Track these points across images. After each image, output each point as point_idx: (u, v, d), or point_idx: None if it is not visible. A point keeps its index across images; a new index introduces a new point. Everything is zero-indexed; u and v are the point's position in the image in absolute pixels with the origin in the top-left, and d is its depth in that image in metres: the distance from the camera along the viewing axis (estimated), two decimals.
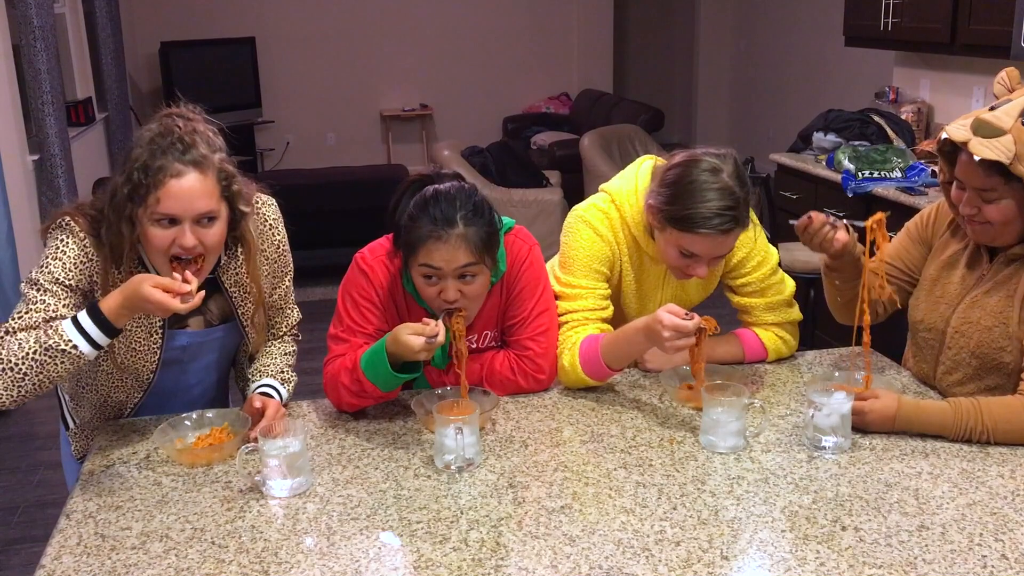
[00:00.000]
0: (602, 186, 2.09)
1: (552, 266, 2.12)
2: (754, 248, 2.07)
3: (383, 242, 1.93)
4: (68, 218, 1.72)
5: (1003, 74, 1.80)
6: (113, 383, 1.89)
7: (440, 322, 1.75)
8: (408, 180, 1.84)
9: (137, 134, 1.69)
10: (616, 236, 2.03)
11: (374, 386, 1.81)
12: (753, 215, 2.05)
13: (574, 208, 2.09)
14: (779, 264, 2.14)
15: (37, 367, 1.60)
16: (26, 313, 1.67)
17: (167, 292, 1.57)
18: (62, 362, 1.61)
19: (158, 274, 1.70)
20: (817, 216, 1.90)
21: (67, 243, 1.70)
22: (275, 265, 1.94)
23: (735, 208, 1.82)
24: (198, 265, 1.70)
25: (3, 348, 1.61)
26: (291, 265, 2.00)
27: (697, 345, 1.83)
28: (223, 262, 1.84)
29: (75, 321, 1.61)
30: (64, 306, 1.69)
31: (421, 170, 1.86)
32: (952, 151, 1.82)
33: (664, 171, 1.91)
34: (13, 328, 1.65)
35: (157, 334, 1.82)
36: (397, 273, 1.90)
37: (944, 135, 1.77)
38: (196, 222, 1.66)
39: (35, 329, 1.64)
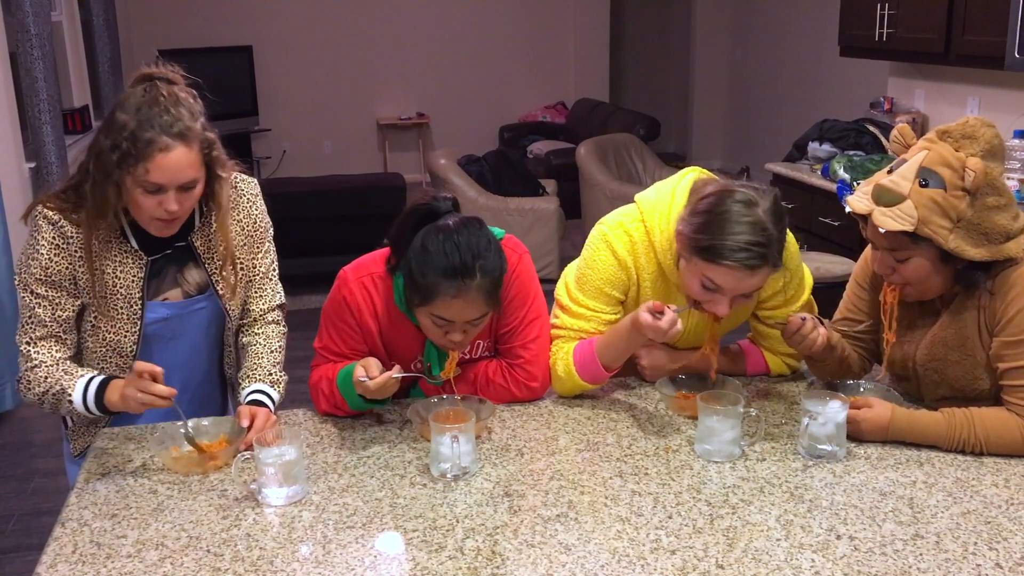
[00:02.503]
0: (637, 196, 1.99)
1: (565, 275, 2.11)
2: (789, 283, 1.98)
3: (368, 263, 1.91)
4: (41, 206, 1.81)
5: (896, 132, 1.78)
6: (97, 364, 1.91)
7: (381, 376, 1.76)
8: (409, 209, 1.80)
9: (122, 97, 1.76)
10: (637, 260, 1.95)
11: (345, 403, 1.89)
12: (796, 248, 1.98)
13: (602, 220, 2.01)
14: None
15: (53, 400, 1.84)
16: (35, 318, 1.83)
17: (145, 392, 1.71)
18: (68, 408, 1.84)
19: (135, 232, 1.82)
20: (810, 320, 1.86)
21: (40, 237, 1.80)
22: (251, 238, 1.96)
23: (765, 246, 1.71)
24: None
25: (32, 373, 1.83)
26: (271, 244, 2.02)
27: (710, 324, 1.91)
28: (196, 227, 1.89)
29: (84, 392, 1.80)
30: (59, 296, 1.82)
31: (420, 198, 1.82)
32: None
33: (697, 199, 1.80)
34: (34, 338, 1.83)
35: (136, 304, 1.85)
36: (381, 295, 1.89)
37: (848, 209, 1.77)
38: (179, 188, 1.74)
39: (55, 342, 1.84)
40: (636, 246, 1.95)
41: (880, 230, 1.69)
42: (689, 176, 1.96)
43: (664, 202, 1.92)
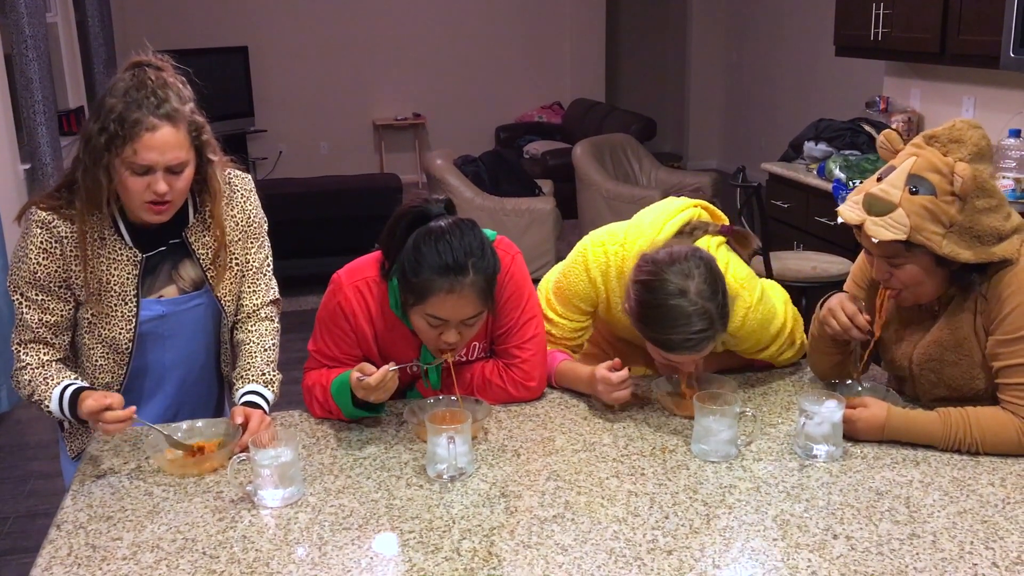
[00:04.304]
0: (631, 223, 2.00)
1: (548, 277, 2.14)
2: (750, 330, 1.96)
3: (363, 266, 1.90)
4: (34, 207, 1.81)
5: (882, 137, 1.78)
6: (95, 361, 1.91)
7: (380, 370, 1.77)
8: (401, 211, 1.80)
9: (111, 83, 1.76)
10: (608, 284, 1.99)
11: (339, 410, 1.89)
12: (774, 297, 1.98)
13: (592, 232, 2.04)
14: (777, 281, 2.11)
15: (36, 405, 1.85)
16: (24, 321, 1.83)
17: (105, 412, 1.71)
18: (49, 415, 1.85)
19: (129, 219, 1.83)
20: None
21: (29, 241, 1.80)
22: (245, 232, 1.96)
23: (708, 328, 1.76)
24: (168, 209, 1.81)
25: (20, 375, 1.85)
26: (265, 240, 2.02)
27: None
28: (191, 223, 1.89)
29: (60, 396, 1.80)
30: (48, 300, 1.82)
31: (411, 201, 1.82)
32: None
33: (633, 278, 1.83)
34: (23, 340, 1.85)
35: (132, 301, 1.86)
36: (376, 299, 1.88)
37: (840, 219, 1.77)
38: (168, 170, 1.74)
39: (43, 345, 1.85)
40: (610, 270, 1.98)
41: (873, 240, 1.69)
42: (685, 214, 1.97)
43: (649, 238, 1.94)
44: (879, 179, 1.73)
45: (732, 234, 2.00)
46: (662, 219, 1.97)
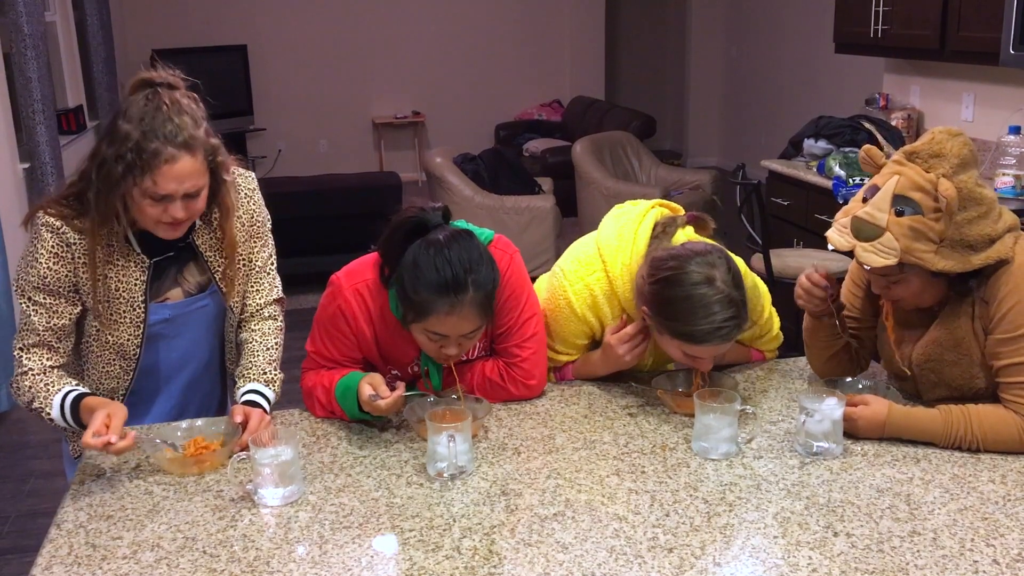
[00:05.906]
0: (598, 240, 1.99)
1: (537, 287, 2.13)
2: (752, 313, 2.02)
3: (362, 268, 1.89)
4: (42, 212, 1.79)
5: (863, 153, 1.77)
6: (102, 367, 1.91)
7: (393, 395, 1.79)
8: (399, 220, 1.78)
9: (124, 105, 1.74)
10: (599, 312, 1.98)
11: (343, 413, 1.89)
12: (757, 281, 2.01)
13: (564, 269, 2.00)
14: (771, 277, 2.13)
15: (35, 412, 1.84)
16: (30, 325, 1.82)
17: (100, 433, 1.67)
18: (50, 423, 1.85)
19: (136, 235, 1.82)
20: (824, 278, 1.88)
21: (39, 245, 1.78)
22: (249, 233, 1.96)
23: (737, 316, 1.77)
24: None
25: (20, 380, 1.83)
26: (270, 238, 2.02)
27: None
28: (198, 227, 1.89)
29: (62, 405, 1.80)
30: (57, 303, 1.81)
31: (408, 210, 1.81)
32: None
33: (652, 279, 1.82)
34: (26, 344, 1.83)
35: (140, 307, 1.85)
36: (376, 301, 1.88)
37: (830, 247, 1.76)
38: (185, 195, 1.74)
39: (47, 350, 1.83)
40: (598, 299, 1.97)
41: (865, 267, 1.69)
42: (650, 217, 1.97)
43: (626, 250, 1.94)
44: (864, 200, 1.72)
45: (696, 222, 2.02)
46: (631, 228, 1.95)
